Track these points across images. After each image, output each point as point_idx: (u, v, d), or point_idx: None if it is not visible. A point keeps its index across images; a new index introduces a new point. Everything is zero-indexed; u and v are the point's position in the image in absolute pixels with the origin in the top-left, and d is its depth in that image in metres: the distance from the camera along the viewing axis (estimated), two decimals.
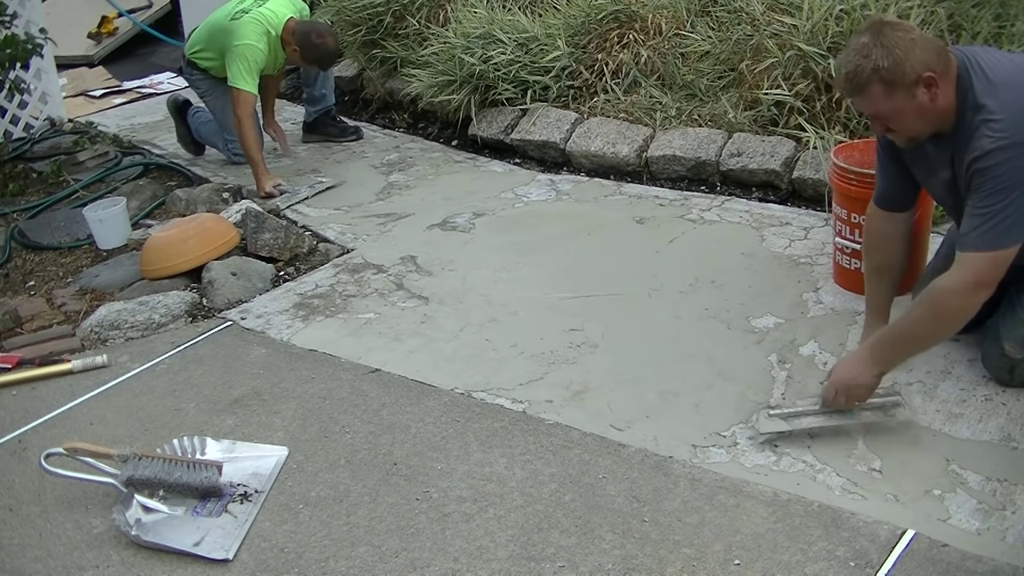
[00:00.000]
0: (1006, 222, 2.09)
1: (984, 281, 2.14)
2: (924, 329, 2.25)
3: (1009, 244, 2.11)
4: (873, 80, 2.12)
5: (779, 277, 3.12)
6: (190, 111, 4.89)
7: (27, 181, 4.79)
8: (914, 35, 2.13)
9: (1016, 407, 2.37)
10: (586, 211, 3.84)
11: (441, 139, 4.91)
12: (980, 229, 2.12)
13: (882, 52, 2.10)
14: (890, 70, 2.10)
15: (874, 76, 2.12)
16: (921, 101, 2.14)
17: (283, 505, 2.32)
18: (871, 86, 2.13)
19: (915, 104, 2.15)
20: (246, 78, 4.24)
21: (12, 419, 2.80)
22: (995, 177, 2.10)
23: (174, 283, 3.52)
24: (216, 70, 4.50)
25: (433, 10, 5.01)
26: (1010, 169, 2.08)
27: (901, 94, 2.13)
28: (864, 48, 2.13)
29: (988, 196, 2.11)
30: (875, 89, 2.14)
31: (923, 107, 2.15)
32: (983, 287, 2.14)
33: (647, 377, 2.68)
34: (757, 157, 3.78)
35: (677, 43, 4.37)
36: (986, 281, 2.14)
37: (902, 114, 2.18)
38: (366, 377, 2.84)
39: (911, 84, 2.12)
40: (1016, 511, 2.05)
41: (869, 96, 2.16)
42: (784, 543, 2.03)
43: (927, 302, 2.21)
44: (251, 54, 4.24)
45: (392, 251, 3.66)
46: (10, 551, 2.26)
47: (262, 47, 4.27)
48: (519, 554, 2.08)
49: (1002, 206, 2.09)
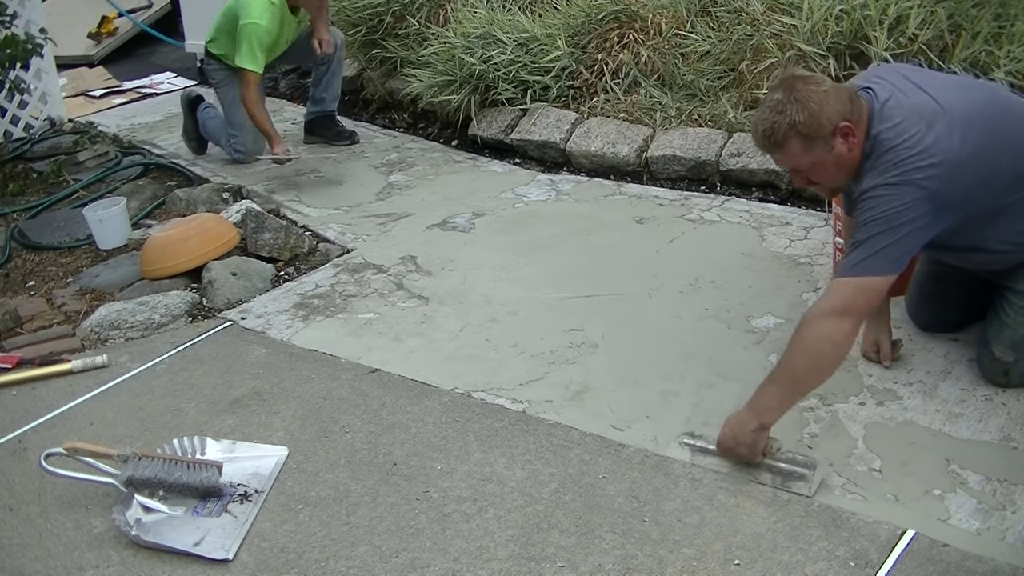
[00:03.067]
0: (872, 251, 2.11)
1: (846, 308, 2.10)
2: (794, 369, 2.15)
3: (873, 273, 2.11)
4: (790, 135, 2.13)
5: (779, 277, 3.12)
6: (201, 106, 4.91)
7: (27, 181, 4.79)
8: (825, 87, 2.15)
9: (1016, 407, 2.37)
10: (586, 211, 3.84)
11: (441, 139, 4.91)
12: (849, 258, 2.16)
13: (797, 107, 2.11)
14: (806, 124, 2.11)
15: (791, 131, 2.13)
16: (839, 152, 2.16)
17: (283, 505, 2.32)
18: (788, 141, 2.15)
19: (833, 156, 2.17)
20: (252, 56, 4.32)
21: (12, 419, 2.80)
22: (868, 208, 2.13)
23: (174, 283, 3.52)
24: (229, 57, 4.54)
25: (433, 10, 5.01)
26: (880, 203, 2.11)
27: (819, 147, 2.15)
28: (779, 104, 2.14)
29: (860, 226, 2.15)
30: (793, 144, 2.15)
31: (841, 157, 2.17)
32: (848, 315, 2.10)
33: (647, 377, 2.68)
34: (757, 157, 3.78)
35: (677, 43, 4.37)
36: (851, 308, 2.11)
37: (822, 167, 2.19)
38: (366, 377, 2.84)
39: (828, 136, 2.14)
40: (1016, 511, 2.05)
41: (788, 151, 2.17)
42: (784, 543, 2.03)
43: (792, 340, 2.16)
44: (256, 32, 4.29)
45: (392, 251, 3.66)
46: (10, 551, 2.26)
47: (265, 23, 4.31)
48: (519, 554, 2.08)
49: (869, 236, 2.12)
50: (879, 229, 2.11)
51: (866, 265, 2.12)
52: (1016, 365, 2.39)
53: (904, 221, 2.10)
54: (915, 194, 2.09)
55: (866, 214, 2.14)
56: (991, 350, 2.42)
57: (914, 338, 2.67)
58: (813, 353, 2.13)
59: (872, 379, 2.54)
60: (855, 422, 2.38)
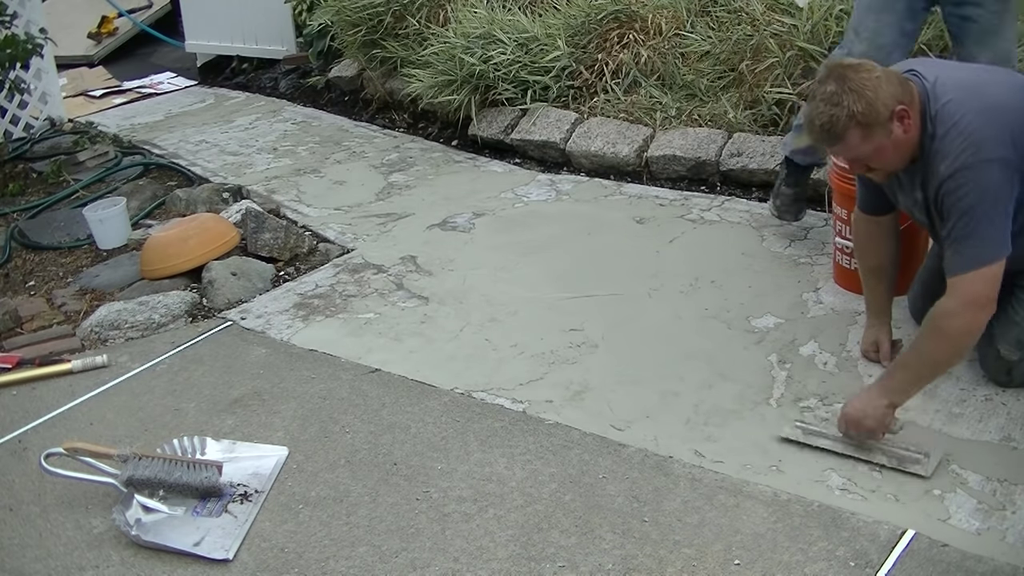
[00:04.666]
0: (981, 241, 2.13)
1: (979, 301, 2.14)
2: (934, 358, 2.22)
3: (990, 261, 2.13)
4: (850, 126, 2.12)
5: (779, 277, 3.12)
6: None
7: (27, 181, 4.79)
8: (878, 72, 2.15)
9: (1016, 407, 2.37)
10: (586, 211, 3.84)
11: (441, 139, 4.91)
12: (960, 252, 2.15)
13: (853, 97, 2.10)
14: (865, 113, 2.11)
15: (850, 122, 2.12)
16: (897, 136, 2.16)
17: (283, 505, 2.32)
18: (848, 132, 2.14)
19: (892, 140, 2.16)
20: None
21: (12, 419, 2.80)
22: (959, 199, 2.13)
23: (174, 283, 3.52)
24: None
25: (433, 10, 5.00)
26: (970, 190, 2.12)
27: (879, 134, 2.14)
28: (833, 96, 2.12)
29: (958, 219, 2.15)
30: (853, 134, 2.14)
31: (899, 141, 2.17)
32: (980, 307, 2.14)
33: (647, 377, 2.68)
34: (757, 157, 3.78)
35: (677, 43, 4.37)
36: (981, 300, 2.14)
37: (882, 152, 2.19)
38: (366, 377, 2.84)
39: (886, 121, 2.13)
40: (1016, 511, 2.05)
41: (848, 142, 2.16)
42: (784, 543, 2.03)
43: (931, 331, 2.20)
44: None
45: (392, 251, 3.66)
46: (10, 551, 2.26)
47: None
48: (519, 554, 2.08)
49: (972, 227, 2.12)
50: (979, 216, 2.12)
51: (982, 255, 2.13)
52: (1020, 364, 2.38)
53: (996, 200, 2.12)
54: (995, 170, 2.11)
55: (958, 203, 2.13)
56: (996, 347, 2.40)
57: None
58: (957, 344, 2.19)
59: (872, 379, 2.53)
60: None
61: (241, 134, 5.33)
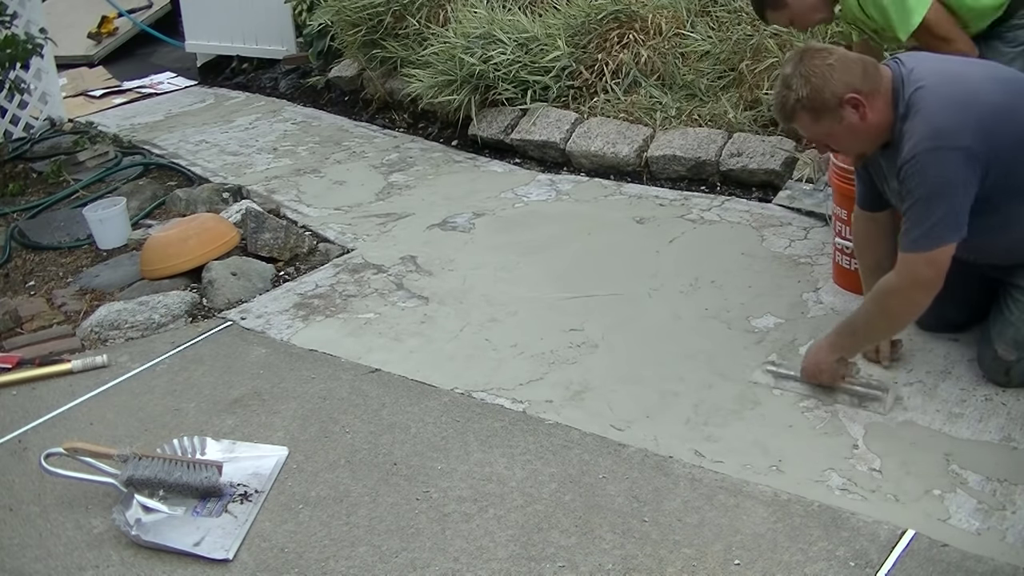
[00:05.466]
0: (932, 225, 2.17)
1: (922, 282, 2.21)
2: (875, 325, 2.40)
3: (937, 245, 2.18)
4: (797, 109, 2.23)
5: (779, 277, 3.12)
6: None
7: (27, 181, 4.80)
8: (831, 60, 2.20)
9: (1016, 407, 2.37)
10: (586, 211, 3.84)
11: (441, 139, 4.91)
12: (911, 232, 2.21)
13: (800, 81, 2.20)
14: (810, 98, 2.19)
15: (797, 106, 2.22)
16: (850, 121, 2.21)
17: (283, 505, 2.32)
18: (797, 114, 2.25)
19: (843, 125, 2.22)
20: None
21: (12, 419, 2.80)
22: (916, 184, 2.17)
23: (174, 283, 3.52)
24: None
25: (433, 10, 5.00)
26: (927, 174, 2.15)
27: (827, 118, 2.22)
28: (787, 79, 2.23)
29: (913, 201, 2.19)
30: (802, 116, 2.25)
31: (853, 127, 2.22)
32: (922, 288, 2.22)
33: (647, 377, 2.68)
34: (757, 157, 3.78)
35: (677, 43, 4.37)
36: (924, 282, 2.21)
37: (834, 136, 2.27)
38: (366, 377, 2.84)
39: (835, 108, 2.19)
40: (1016, 511, 2.05)
41: (799, 123, 2.28)
42: (784, 543, 2.03)
43: (874, 300, 2.34)
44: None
45: (392, 251, 3.66)
46: (10, 551, 2.26)
47: None
48: (519, 554, 2.08)
49: (924, 210, 2.17)
50: (932, 200, 2.16)
51: (930, 239, 2.18)
52: (1017, 364, 2.39)
53: (951, 186, 2.15)
54: (952, 158, 2.13)
55: (916, 187, 2.18)
56: (993, 348, 2.41)
57: (914, 338, 2.66)
58: (896, 321, 2.37)
59: (872, 378, 2.53)
60: (855, 422, 2.38)
61: (241, 134, 5.33)
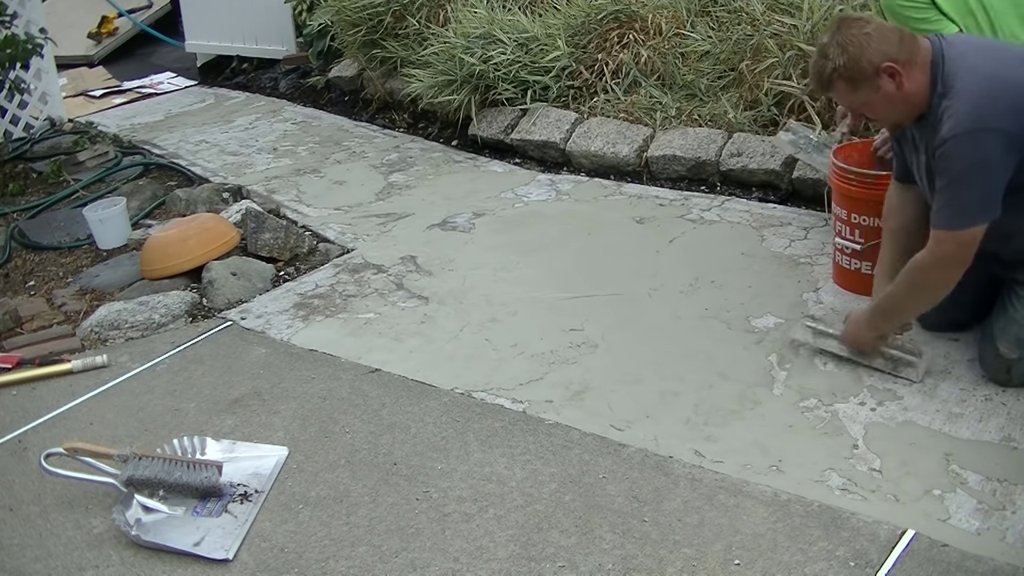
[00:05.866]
0: (966, 205, 2.21)
1: (952, 258, 2.26)
2: (907, 301, 2.43)
3: (968, 226, 2.21)
4: (834, 78, 2.26)
5: (779, 277, 3.12)
6: None
7: (27, 181, 4.80)
8: (868, 28, 2.23)
9: (1016, 407, 2.37)
10: (586, 211, 3.84)
11: (441, 139, 4.91)
12: (944, 210, 2.24)
13: (838, 51, 2.22)
14: (847, 67, 2.22)
15: (834, 75, 2.25)
16: (887, 91, 2.24)
17: (283, 505, 2.32)
18: (834, 83, 2.28)
19: (881, 94, 2.25)
20: None
21: (12, 419, 2.80)
22: (953, 162, 2.20)
23: (174, 283, 3.52)
24: None
25: (433, 10, 5.00)
26: (964, 155, 2.18)
27: (865, 87, 2.24)
28: (824, 49, 2.26)
29: (949, 180, 2.22)
30: (839, 85, 2.27)
31: (890, 96, 2.24)
32: (953, 264, 2.26)
33: (647, 377, 2.68)
34: (757, 157, 3.78)
35: (677, 43, 4.37)
36: (954, 258, 2.25)
37: (871, 105, 2.29)
38: (366, 377, 2.84)
39: (871, 76, 2.22)
40: (1016, 511, 2.05)
41: (837, 92, 2.31)
42: (784, 543, 2.03)
43: (906, 276, 2.37)
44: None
45: (392, 251, 3.66)
46: (10, 551, 2.26)
47: None
48: (519, 554, 2.08)
49: (959, 190, 2.21)
50: (967, 180, 2.19)
51: (964, 218, 2.21)
52: (1019, 363, 2.38)
53: (987, 168, 2.17)
54: (991, 139, 2.15)
55: (950, 164, 2.20)
56: (995, 345, 2.41)
57: (914, 338, 2.66)
58: (927, 295, 2.39)
59: (872, 379, 2.54)
60: (855, 422, 2.38)
61: (241, 134, 5.33)
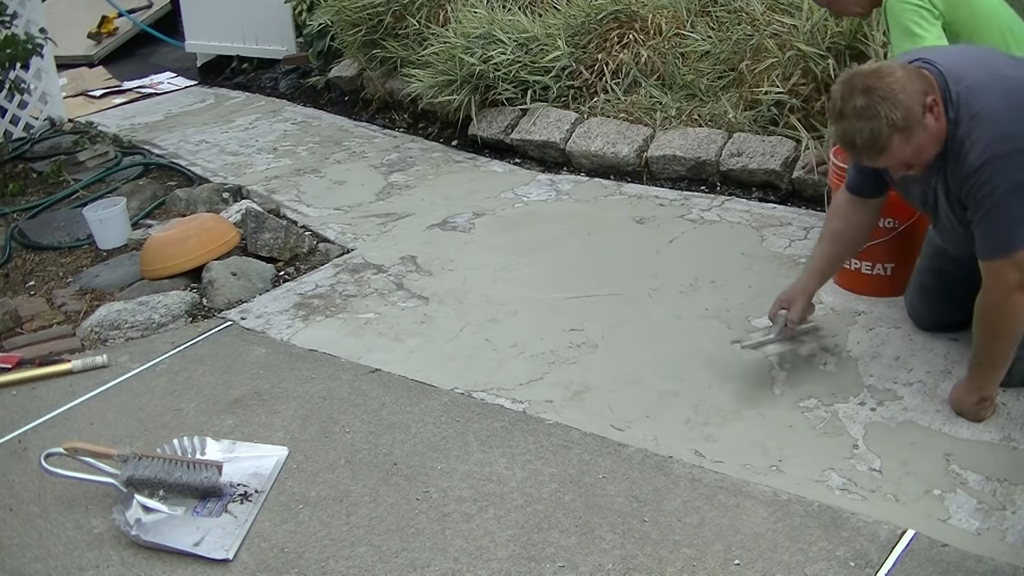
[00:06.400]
0: (1010, 227, 2.14)
1: (1014, 284, 2.16)
2: (994, 347, 2.28)
3: (1020, 246, 2.14)
4: (892, 135, 2.11)
5: (779, 277, 3.12)
6: None
7: (27, 181, 4.80)
8: (898, 73, 2.14)
9: (1016, 407, 2.37)
10: (586, 211, 3.84)
11: (441, 139, 4.91)
12: (991, 237, 2.18)
13: (888, 105, 2.09)
14: (904, 117, 2.10)
15: (892, 131, 2.11)
16: (932, 128, 2.16)
17: (283, 505, 2.32)
18: (891, 140, 2.12)
19: (927, 134, 2.16)
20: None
21: (12, 419, 2.80)
22: (992, 189, 2.14)
23: (174, 283, 3.52)
24: None
25: (433, 10, 5.00)
26: (1002, 180, 2.12)
27: (917, 132, 2.13)
28: (866, 110, 2.10)
29: (990, 208, 2.16)
30: (895, 141, 2.13)
31: (933, 132, 2.16)
32: (1017, 289, 2.16)
33: (647, 377, 2.68)
34: (757, 157, 3.78)
35: (677, 43, 4.37)
36: (1017, 283, 2.16)
37: (923, 150, 2.18)
38: (366, 377, 2.84)
39: (920, 118, 2.13)
40: (1016, 511, 2.05)
41: (892, 150, 2.15)
42: (784, 543, 2.03)
43: (980, 324, 2.26)
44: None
45: (392, 251, 3.66)
46: (10, 551, 2.26)
47: None
48: (519, 554, 2.08)
49: (1004, 214, 2.14)
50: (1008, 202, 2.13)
51: (1013, 240, 2.14)
52: (1019, 363, 2.38)
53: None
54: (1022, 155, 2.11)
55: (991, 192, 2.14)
56: None
57: (914, 338, 2.67)
58: (1009, 329, 2.24)
59: (872, 379, 2.54)
60: (855, 422, 2.38)
61: (241, 134, 5.33)
